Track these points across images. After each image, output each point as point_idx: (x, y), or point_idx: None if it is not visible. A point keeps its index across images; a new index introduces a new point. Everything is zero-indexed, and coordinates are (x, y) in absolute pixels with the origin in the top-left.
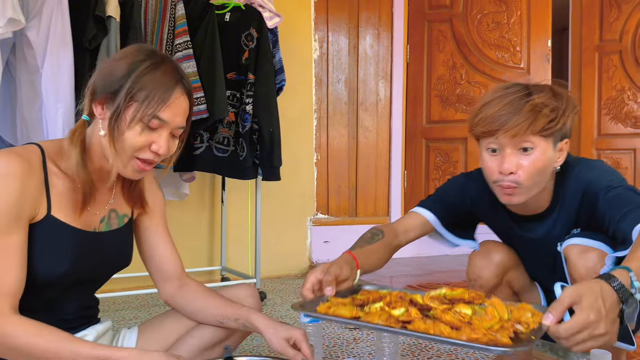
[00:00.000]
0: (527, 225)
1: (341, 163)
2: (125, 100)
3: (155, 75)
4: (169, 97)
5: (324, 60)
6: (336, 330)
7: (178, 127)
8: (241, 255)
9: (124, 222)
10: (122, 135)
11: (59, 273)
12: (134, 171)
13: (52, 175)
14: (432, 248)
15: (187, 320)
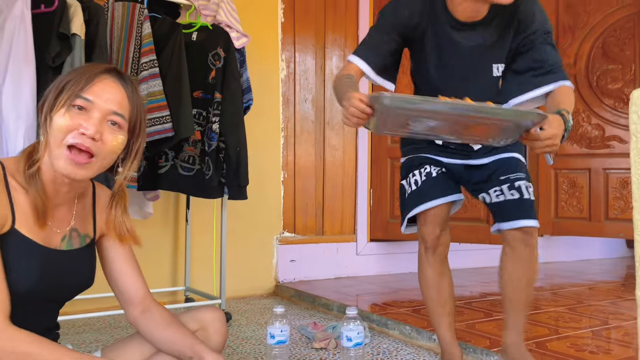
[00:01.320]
0: (465, 32)
1: (308, 181)
2: (55, 93)
3: (84, 68)
4: (94, 78)
5: (291, 80)
6: (302, 351)
7: (113, 112)
8: (206, 276)
9: (86, 242)
10: (51, 123)
11: (23, 287)
12: (66, 163)
13: (14, 190)
14: (396, 266)
15: (150, 345)
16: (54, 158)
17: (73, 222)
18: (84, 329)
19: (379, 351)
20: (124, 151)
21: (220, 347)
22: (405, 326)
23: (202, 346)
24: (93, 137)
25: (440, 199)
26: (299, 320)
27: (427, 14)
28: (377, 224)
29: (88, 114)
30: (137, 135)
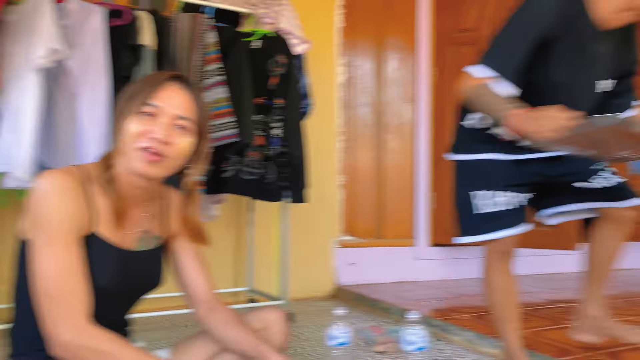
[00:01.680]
0: (602, 38)
1: (367, 185)
2: (124, 102)
3: (150, 76)
4: (160, 85)
5: (349, 84)
6: (363, 354)
7: (179, 117)
8: (268, 277)
9: (157, 243)
10: (123, 130)
11: (99, 287)
12: (142, 163)
13: (94, 194)
14: (458, 271)
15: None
16: (129, 161)
17: (146, 224)
18: (154, 327)
19: (441, 357)
20: (192, 153)
21: (282, 347)
22: (468, 332)
23: (266, 346)
24: (163, 140)
25: (518, 228)
26: (359, 323)
27: (566, 14)
28: (439, 228)
29: (157, 119)
30: (203, 138)
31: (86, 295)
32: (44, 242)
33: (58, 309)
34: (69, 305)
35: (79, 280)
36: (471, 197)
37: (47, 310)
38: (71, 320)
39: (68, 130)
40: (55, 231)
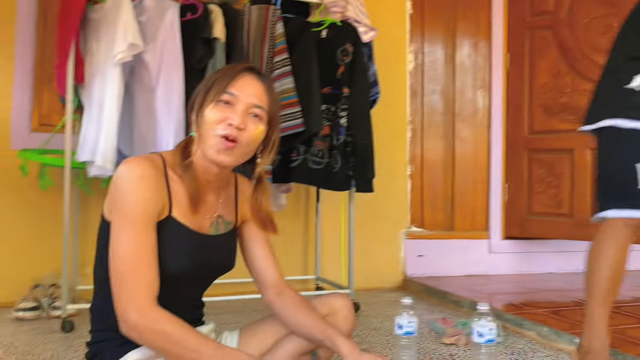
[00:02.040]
0: None
1: (436, 175)
2: (204, 92)
3: (227, 67)
4: (236, 76)
5: (418, 71)
6: (432, 345)
7: (254, 105)
8: (335, 266)
9: (229, 228)
10: (203, 117)
11: (177, 268)
12: (219, 150)
13: (172, 181)
14: (534, 266)
15: (283, 327)
16: (207, 147)
17: (219, 209)
18: (224, 311)
19: (513, 351)
20: (263, 142)
21: (348, 333)
22: (543, 327)
23: (334, 330)
24: (239, 126)
25: None
26: (427, 315)
27: None
28: (513, 221)
29: (233, 107)
30: (273, 127)
31: (155, 278)
32: (121, 224)
33: (127, 289)
34: (138, 286)
35: (150, 263)
36: (638, 170)
37: (118, 289)
38: (138, 301)
39: (146, 121)
40: (131, 214)
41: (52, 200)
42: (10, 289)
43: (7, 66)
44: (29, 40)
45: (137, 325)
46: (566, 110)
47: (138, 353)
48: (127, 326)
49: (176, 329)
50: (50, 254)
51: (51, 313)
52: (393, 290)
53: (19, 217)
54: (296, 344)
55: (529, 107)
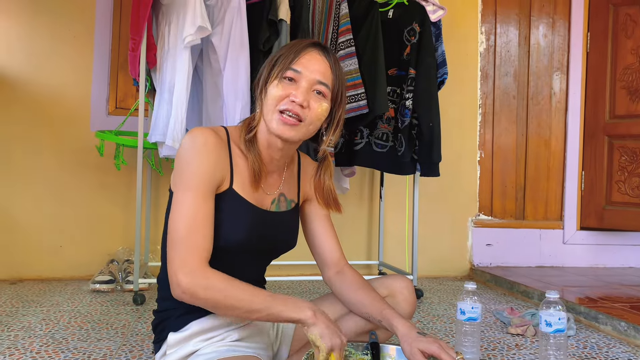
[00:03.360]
0: None
1: (508, 161)
2: (268, 68)
3: (292, 43)
4: (301, 52)
5: (490, 53)
6: (497, 335)
7: (318, 82)
8: (399, 252)
9: (291, 207)
10: (267, 93)
11: (235, 240)
12: (279, 125)
13: (235, 155)
14: (612, 259)
15: (342, 305)
16: (269, 122)
17: (281, 187)
18: (286, 291)
19: (586, 345)
20: (327, 119)
21: (408, 316)
22: (620, 322)
23: (391, 311)
24: (301, 104)
25: None
26: (495, 304)
27: None
28: (590, 211)
29: (297, 84)
30: (338, 104)
31: (208, 246)
32: (181, 190)
33: (180, 252)
34: (190, 250)
35: (204, 230)
36: None
37: (171, 253)
38: (190, 264)
39: (213, 103)
40: (191, 181)
41: (126, 179)
42: (88, 263)
43: (88, 53)
44: (106, 28)
45: (189, 286)
46: None
47: (201, 323)
48: (179, 289)
49: (227, 282)
50: (124, 231)
51: (125, 286)
52: (459, 279)
53: (96, 196)
54: (354, 323)
55: (611, 90)
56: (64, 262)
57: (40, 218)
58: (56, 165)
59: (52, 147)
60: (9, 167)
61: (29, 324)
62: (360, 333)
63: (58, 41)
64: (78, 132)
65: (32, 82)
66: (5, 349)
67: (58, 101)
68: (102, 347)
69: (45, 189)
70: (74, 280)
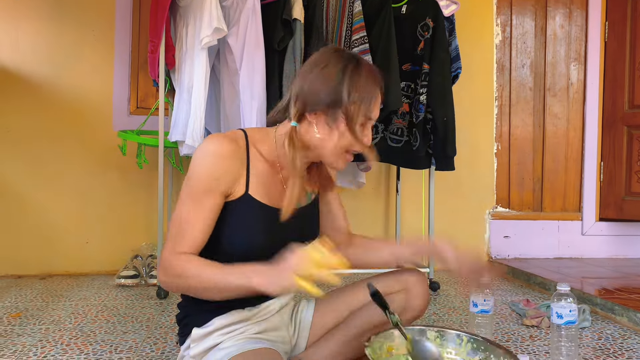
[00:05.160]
0: None
1: (525, 153)
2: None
3: (362, 78)
4: (377, 97)
5: (506, 44)
6: (512, 326)
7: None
8: None
9: (311, 199)
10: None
11: (253, 245)
12: (344, 163)
13: (254, 158)
14: (632, 250)
15: (360, 296)
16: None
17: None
18: None
19: (601, 336)
20: None
21: (420, 309)
22: (636, 313)
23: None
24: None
25: None
26: (511, 296)
27: None
28: (609, 202)
29: (367, 126)
30: None
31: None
32: (185, 193)
33: (165, 249)
34: (179, 243)
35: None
36: None
37: (166, 243)
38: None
39: (230, 102)
40: (193, 187)
41: (148, 177)
42: (113, 259)
43: (108, 55)
44: (126, 30)
45: (163, 279)
46: None
47: (223, 319)
48: (159, 270)
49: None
50: (147, 227)
51: (149, 281)
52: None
53: (120, 193)
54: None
55: (630, 79)
56: (90, 258)
57: (67, 216)
58: (81, 165)
59: (77, 147)
60: (38, 168)
61: (59, 317)
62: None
63: (81, 45)
64: (101, 132)
65: (57, 86)
66: (37, 342)
67: (82, 103)
68: (128, 340)
69: (71, 188)
70: (100, 276)
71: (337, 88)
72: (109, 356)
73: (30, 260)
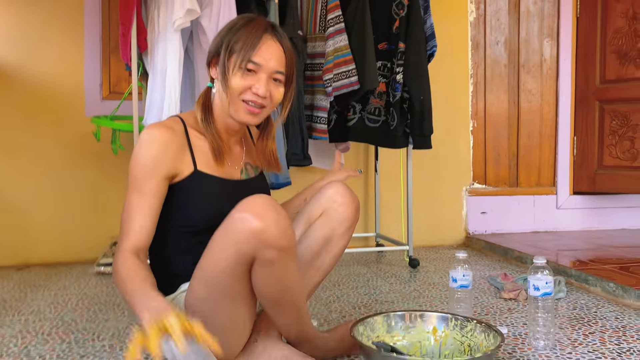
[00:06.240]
0: None
1: (500, 130)
2: (225, 53)
3: (247, 28)
4: (258, 42)
5: (480, 22)
6: (490, 300)
7: (276, 72)
8: (395, 223)
9: (258, 171)
10: (228, 83)
11: (211, 215)
12: (245, 114)
13: (194, 138)
14: (604, 222)
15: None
16: (235, 111)
17: (245, 157)
18: None
19: (576, 306)
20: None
21: (352, 221)
22: (609, 283)
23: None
24: (264, 95)
25: None
26: (489, 271)
27: None
28: (582, 175)
29: (257, 75)
30: (290, 84)
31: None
32: (129, 187)
33: (119, 240)
34: (124, 240)
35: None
36: None
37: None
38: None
39: (205, 85)
40: (133, 176)
41: (125, 163)
42: (92, 247)
43: (78, 39)
44: (96, 12)
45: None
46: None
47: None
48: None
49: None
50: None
51: None
52: (455, 247)
53: (97, 180)
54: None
55: (601, 54)
56: (68, 246)
57: (43, 204)
58: (56, 152)
59: (51, 133)
60: (11, 156)
61: (38, 307)
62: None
63: (48, 29)
64: (74, 118)
65: (26, 71)
66: (17, 332)
67: (53, 88)
68: (110, 327)
69: (46, 177)
70: (79, 264)
71: (222, 39)
72: (91, 344)
73: (6, 251)
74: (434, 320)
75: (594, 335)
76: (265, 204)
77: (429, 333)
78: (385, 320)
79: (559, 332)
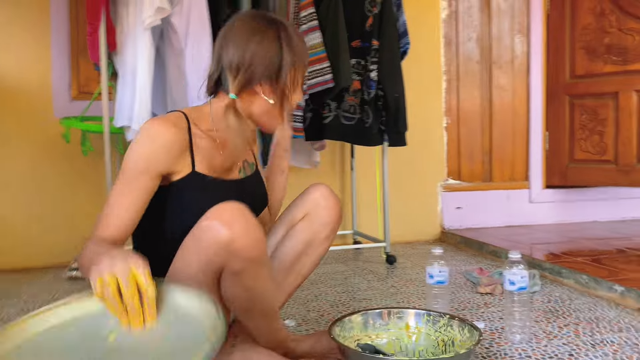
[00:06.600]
0: None
1: (474, 126)
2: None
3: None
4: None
5: (452, 19)
6: (467, 295)
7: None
8: (372, 220)
9: (254, 169)
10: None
11: None
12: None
13: (196, 137)
14: (576, 215)
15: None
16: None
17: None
18: None
19: (550, 299)
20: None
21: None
22: (581, 275)
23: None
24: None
25: None
26: (465, 265)
27: None
28: (554, 169)
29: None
30: None
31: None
32: (119, 177)
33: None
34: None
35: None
36: None
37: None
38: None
39: (177, 84)
40: (125, 170)
41: (95, 165)
42: (63, 251)
43: (44, 38)
44: (63, 11)
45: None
46: (610, 51)
47: None
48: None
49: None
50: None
51: None
52: (431, 242)
53: (67, 182)
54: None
55: (571, 50)
56: (38, 251)
57: (11, 208)
58: (24, 154)
59: (18, 135)
60: None
61: (7, 315)
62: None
63: (11, 27)
64: (43, 120)
65: None
66: None
67: (19, 90)
68: None
69: (14, 179)
70: (50, 269)
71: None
72: None
73: None
74: (411, 317)
75: (568, 327)
76: (234, 211)
77: (402, 329)
78: (363, 319)
79: (535, 326)
